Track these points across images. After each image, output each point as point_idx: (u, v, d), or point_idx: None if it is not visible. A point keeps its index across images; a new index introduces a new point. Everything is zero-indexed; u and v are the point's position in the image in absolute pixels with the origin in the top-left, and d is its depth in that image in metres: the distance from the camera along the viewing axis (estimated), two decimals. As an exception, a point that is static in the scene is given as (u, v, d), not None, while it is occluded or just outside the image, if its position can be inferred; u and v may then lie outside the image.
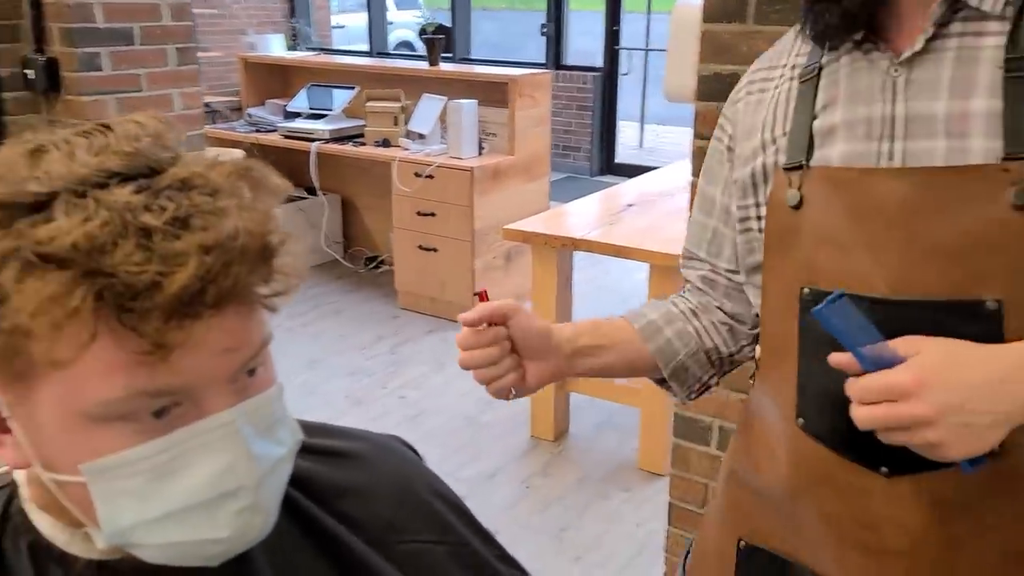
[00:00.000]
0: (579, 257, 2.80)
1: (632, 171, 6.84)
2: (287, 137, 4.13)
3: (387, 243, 4.42)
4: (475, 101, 3.76)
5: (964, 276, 0.72)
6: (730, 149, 0.92)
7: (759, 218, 0.87)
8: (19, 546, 0.60)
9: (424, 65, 4.21)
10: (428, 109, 3.93)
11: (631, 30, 6.69)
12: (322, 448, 0.75)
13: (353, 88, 4.17)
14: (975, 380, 0.67)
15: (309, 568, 0.68)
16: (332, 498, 0.72)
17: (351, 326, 3.79)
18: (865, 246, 0.75)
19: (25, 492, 0.62)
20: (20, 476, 0.62)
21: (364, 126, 4.06)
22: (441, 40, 4.18)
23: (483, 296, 0.92)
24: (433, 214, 3.75)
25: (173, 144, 0.57)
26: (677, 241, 2.58)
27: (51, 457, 0.55)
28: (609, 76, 6.55)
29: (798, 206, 0.80)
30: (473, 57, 6.67)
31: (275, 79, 4.70)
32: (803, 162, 0.80)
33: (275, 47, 4.75)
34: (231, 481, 0.55)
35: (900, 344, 0.69)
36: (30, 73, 2.42)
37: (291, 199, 4.43)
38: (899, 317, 0.73)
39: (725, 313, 0.98)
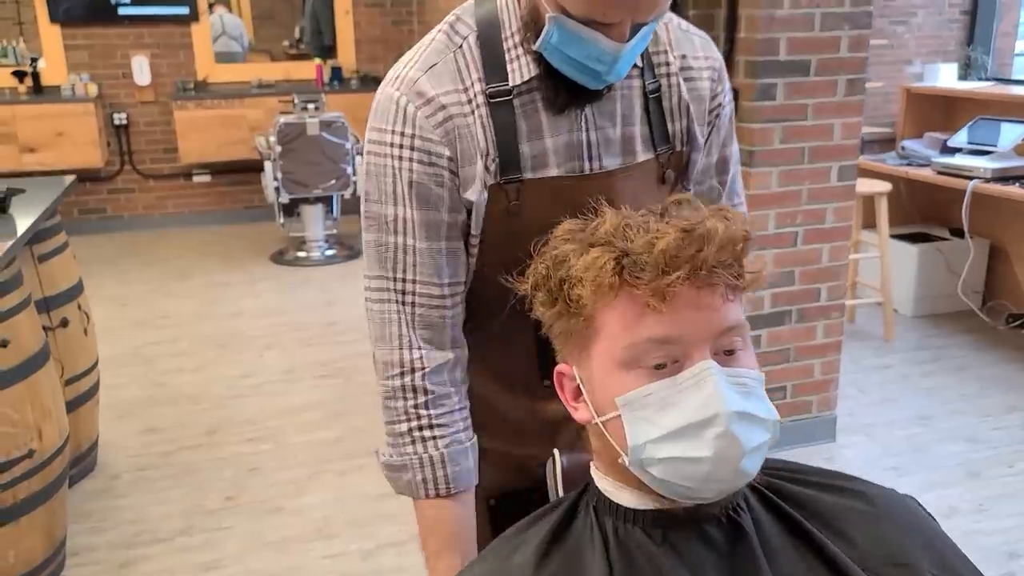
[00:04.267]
0: None
1: None
2: (940, 173, 3.85)
3: (1040, 302, 3.83)
4: None
5: None
6: (453, 173, 1.00)
7: (483, 231, 1.03)
8: (588, 505, 0.85)
9: None
10: None
11: None
12: (823, 483, 0.86)
13: (1032, 124, 3.69)
14: None
15: (790, 557, 0.79)
16: (829, 517, 0.82)
17: (976, 387, 3.38)
18: None
19: (593, 463, 0.88)
20: (592, 464, 0.89)
21: (1038, 167, 3.56)
22: None
23: None
24: (1113, 278, 3.12)
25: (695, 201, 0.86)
26: None
27: (599, 404, 0.81)
28: None
29: (517, 213, 1.01)
30: None
31: (938, 111, 4.41)
32: (520, 177, 1.01)
33: (944, 77, 4.45)
34: (707, 411, 0.74)
35: None
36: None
37: (930, 238, 4.13)
38: None
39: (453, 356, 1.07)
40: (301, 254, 5.35)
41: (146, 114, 6.02)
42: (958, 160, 3.81)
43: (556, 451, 1.00)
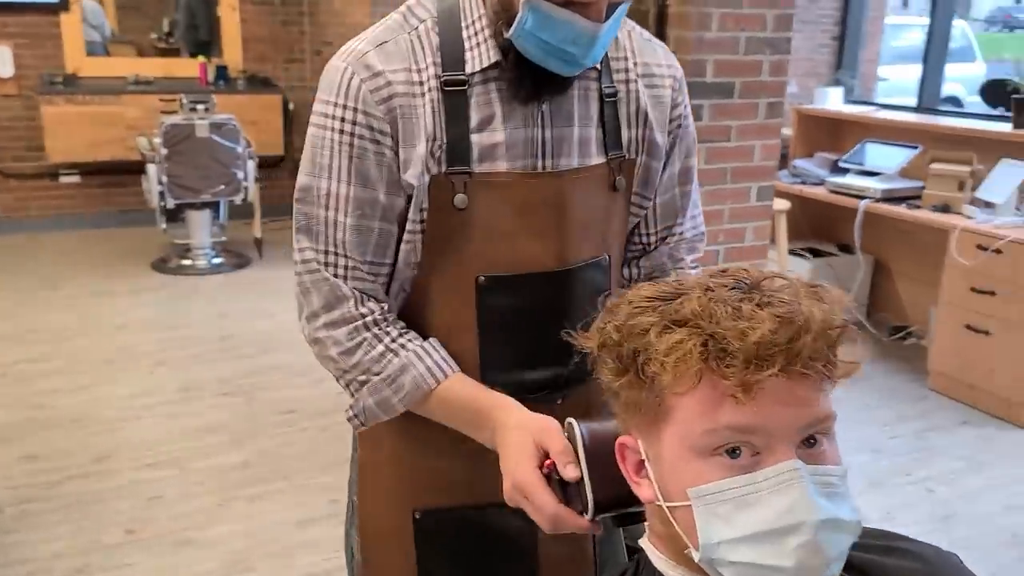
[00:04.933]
0: None
1: None
2: (833, 192, 4.04)
3: (920, 314, 4.09)
4: (1070, 175, 3.27)
5: (598, 242, 1.06)
6: (395, 152, 0.98)
7: (422, 222, 0.99)
8: None
9: (1005, 127, 3.78)
10: (1006, 176, 3.53)
11: None
12: (882, 546, 0.83)
13: (916, 148, 3.92)
14: None
15: None
16: None
17: (873, 398, 3.56)
18: (531, 234, 1.01)
19: (647, 538, 0.82)
20: (644, 540, 0.83)
21: (922, 188, 3.79)
22: (1033, 102, 3.72)
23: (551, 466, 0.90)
24: (992, 292, 3.35)
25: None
26: None
27: (668, 488, 0.75)
28: None
29: (465, 208, 0.98)
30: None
31: (825, 132, 4.63)
32: (468, 170, 0.98)
33: (832, 100, 4.68)
34: (793, 518, 0.68)
35: None
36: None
37: (820, 254, 4.33)
38: (564, 281, 1.01)
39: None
40: (186, 262, 5.05)
41: (7, 108, 5.54)
42: (849, 180, 4.02)
43: (572, 421, 0.90)
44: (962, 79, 9.11)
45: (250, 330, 4.10)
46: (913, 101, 6.82)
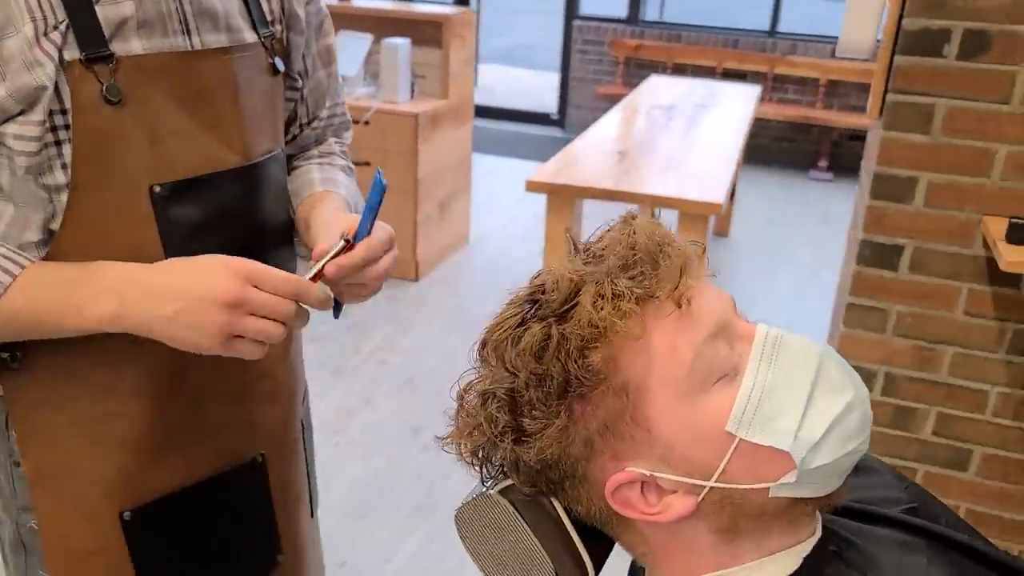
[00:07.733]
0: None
1: (488, 112, 6.76)
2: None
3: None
4: (408, 41, 3.51)
5: (271, 133, 0.95)
6: None
7: (55, 129, 0.77)
8: None
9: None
10: (350, 48, 3.62)
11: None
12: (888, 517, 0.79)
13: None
14: None
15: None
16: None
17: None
18: (207, 127, 0.86)
19: None
20: None
21: (273, 66, 3.66)
22: (351, -28, 3.84)
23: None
24: (367, 163, 3.48)
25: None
26: (704, 188, 2.57)
27: (700, 461, 0.62)
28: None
29: (119, 101, 0.78)
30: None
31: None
32: (109, 52, 0.78)
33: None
34: (812, 359, 0.63)
35: None
36: None
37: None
38: (251, 179, 0.90)
39: None
40: None
41: None
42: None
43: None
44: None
45: None
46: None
